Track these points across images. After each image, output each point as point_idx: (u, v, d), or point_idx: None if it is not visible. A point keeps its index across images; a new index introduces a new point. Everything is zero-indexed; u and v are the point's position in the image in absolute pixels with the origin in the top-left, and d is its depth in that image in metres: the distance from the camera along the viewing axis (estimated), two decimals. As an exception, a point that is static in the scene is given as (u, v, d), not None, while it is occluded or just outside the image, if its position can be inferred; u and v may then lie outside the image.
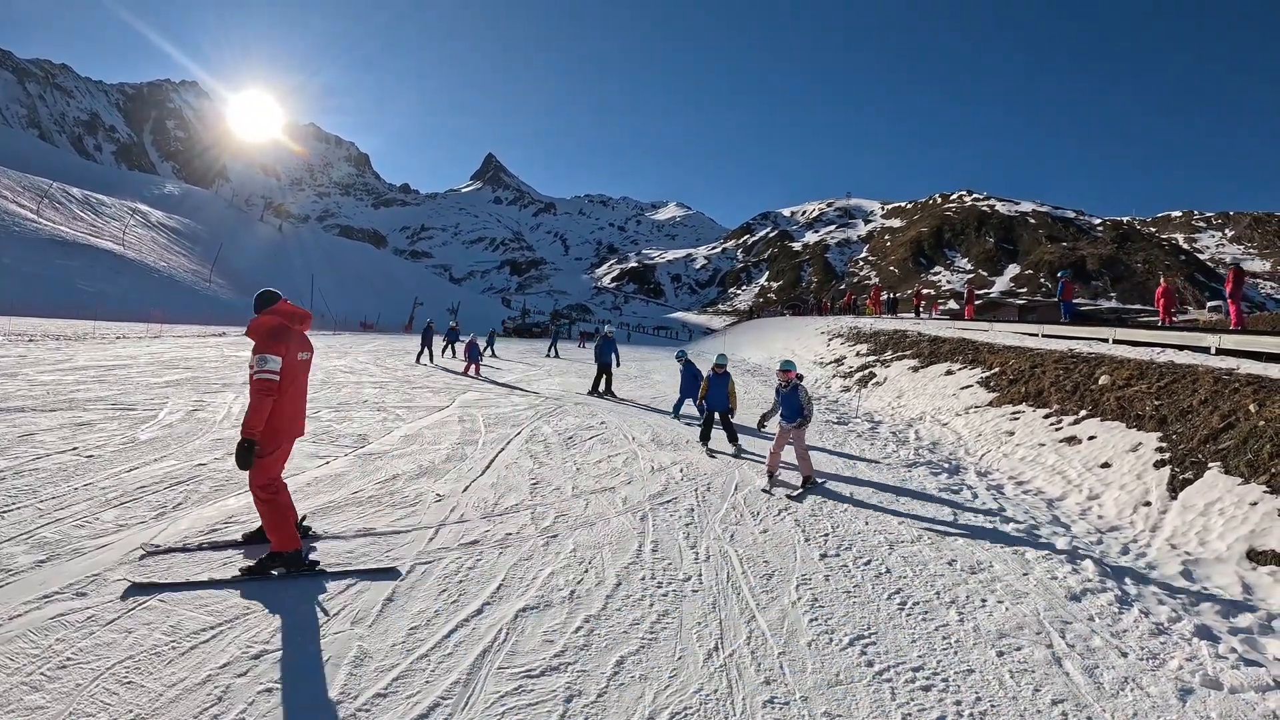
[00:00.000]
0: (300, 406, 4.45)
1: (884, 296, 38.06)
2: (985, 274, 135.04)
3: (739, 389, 14.59)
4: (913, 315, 32.15)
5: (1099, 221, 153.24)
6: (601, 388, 14.33)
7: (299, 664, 3.28)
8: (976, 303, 30.43)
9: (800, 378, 7.62)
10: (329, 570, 4.35)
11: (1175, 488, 6.49)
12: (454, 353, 22.71)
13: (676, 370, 13.18)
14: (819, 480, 7.47)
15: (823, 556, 5.16)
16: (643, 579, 4.54)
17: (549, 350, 28.88)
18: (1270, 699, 3.50)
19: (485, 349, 22.40)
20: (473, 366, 17.75)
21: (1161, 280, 17.45)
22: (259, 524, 4.62)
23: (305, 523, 5.05)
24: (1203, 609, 4.58)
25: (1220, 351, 9.80)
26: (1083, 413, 9.07)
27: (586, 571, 4.63)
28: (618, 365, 15.00)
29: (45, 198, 60.07)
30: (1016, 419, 9.97)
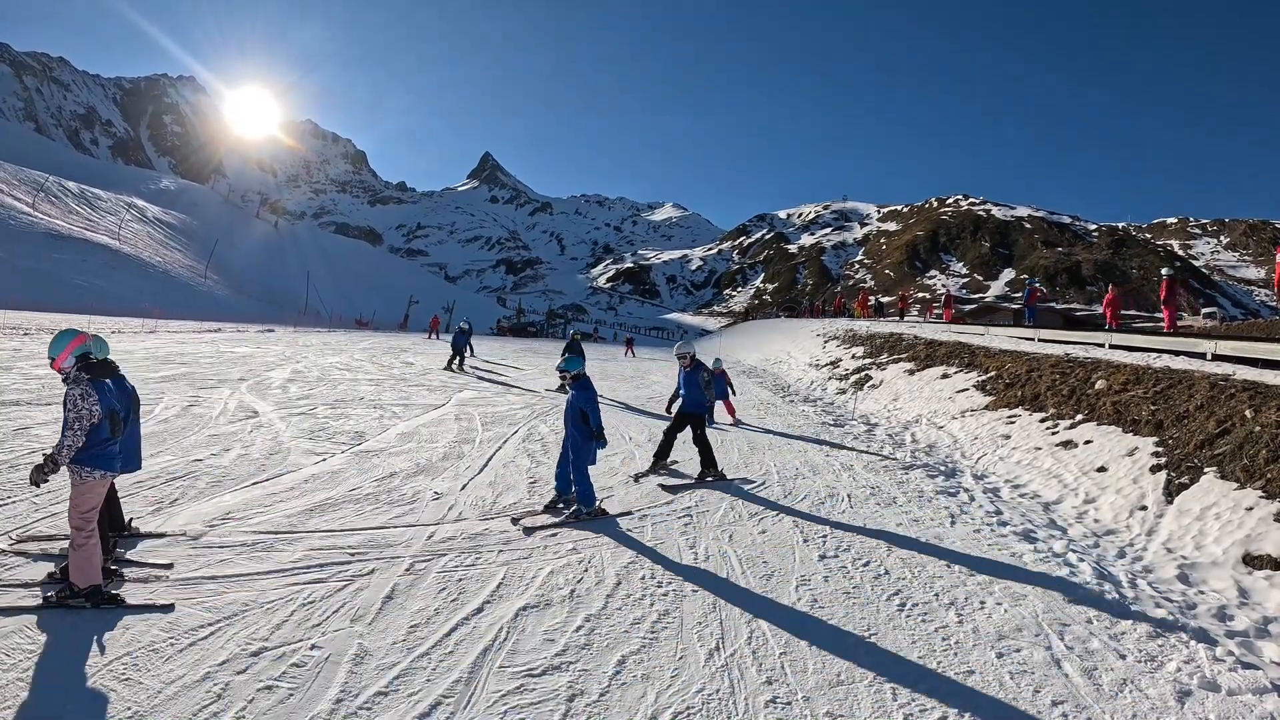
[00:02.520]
0: None
1: (871, 300, 38.36)
2: (980, 278, 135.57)
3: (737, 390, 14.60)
4: (897, 318, 32.25)
5: (1094, 227, 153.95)
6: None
7: (299, 661, 3.27)
8: (970, 308, 30.60)
9: None
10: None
11: (1171, 492, 6.50)
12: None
13: (672, 372, 13.11)
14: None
15: (821, 558, 5.16)
16: (643, 578, 4.55)
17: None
18: (1268, 701, 3.51)
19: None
20: (724, 406, 12.16)
21: (1110, 289, 18.00)
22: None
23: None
24: (1199, 612, 4.59)
25: (1216, 357, 9.84)
26: (1079, 417, 9.10)
27: (586, 570, 4.63)
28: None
29: (41, 191, 59.75)
30: (1013, 423, 10.00)
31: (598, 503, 6.07)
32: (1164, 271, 14.98)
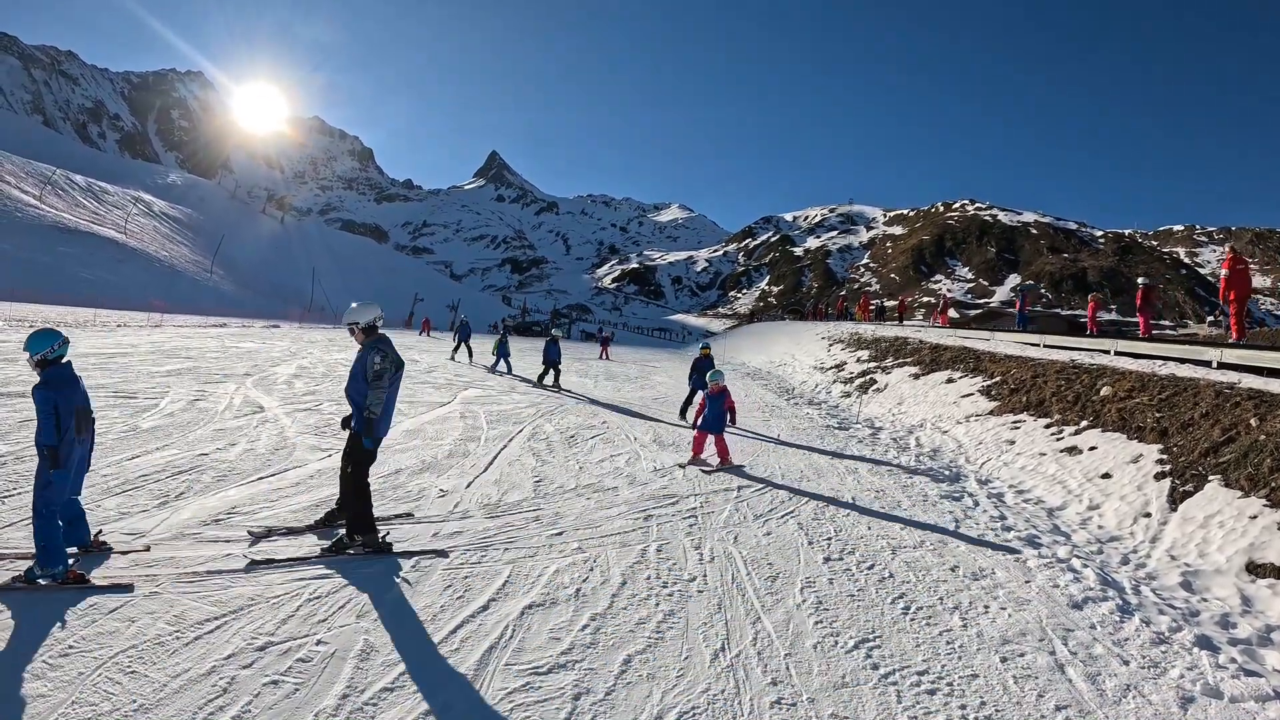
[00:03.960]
0: None
1: (873, 304, 38.52)
2: (986, 283, 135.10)
3: (740, 393, 14.62)
4: (896, 321, 32.34)
5: (1101, 233, 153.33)
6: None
7: (304, 657, 3.28)
8: (975, 313, 30.73)
9: None
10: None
11: (1175, 500, 6.49)
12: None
13: (676, 373, 13.11)
14: None
15: (826, 560, 5.17)
16: (648, 578, 4.56)
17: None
18: (1270, 709, 3.51)
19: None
20: (715, 442, 8.40)
21: (1090, 299, 19.62)
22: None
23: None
24: (1203, 620, 4.59)
25: (1221, 365, 9.82)
26: (1084, 423, 9.08)
27: (592, 570, 4.64)
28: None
29: (48, 184, 60.00)
30: (1017, 428, 9.98)
31: (70, 565, 3.86)
32: (1140, 281, 15.96)
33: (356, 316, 5.00)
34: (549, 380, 15.58)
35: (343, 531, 4.67)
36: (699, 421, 8.64)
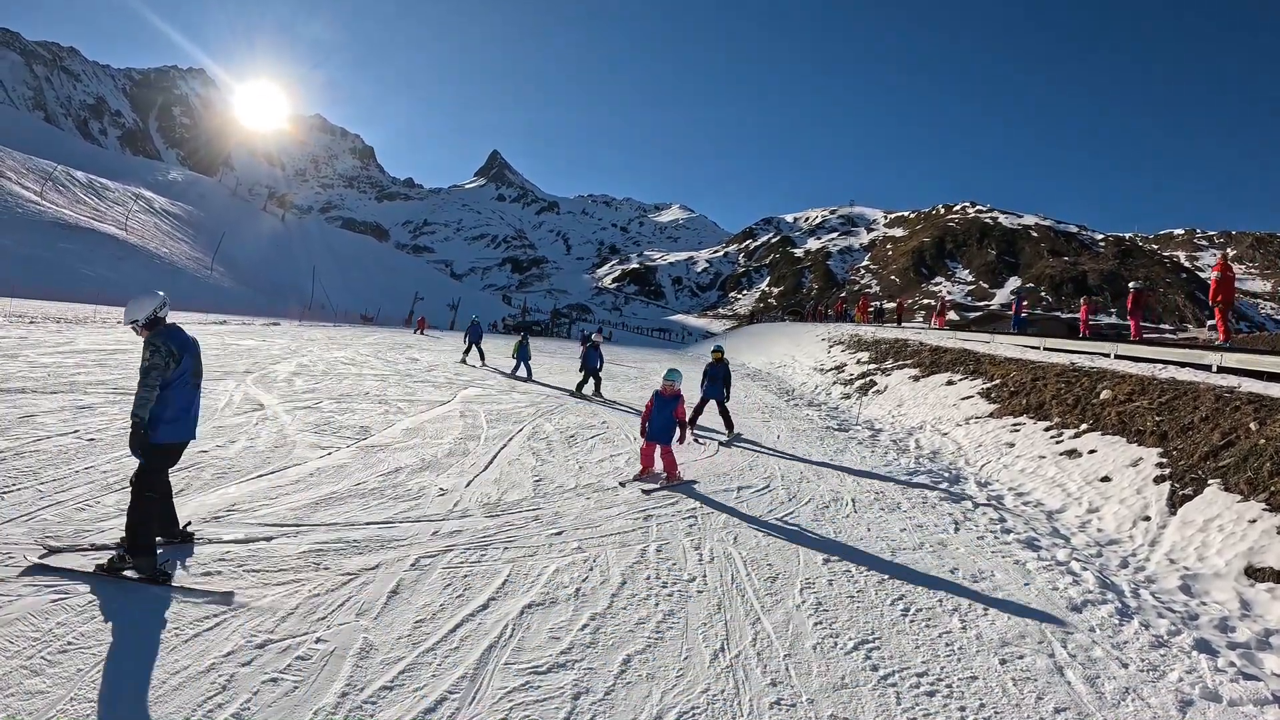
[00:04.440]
0: None
1: (872, 306, 38.67)
2: (986, 285, 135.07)
3: (740, 394, 14.62)
4: (894, 323, 32.44)
5: (1101, 237, 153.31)
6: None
7: (304, 654, 3.27)
8: (975, 315, 30.90)
9: None
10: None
11: (1175, 503, 6.50)
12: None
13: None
14: None
15: (825, 561, 5.17)
16: (648, 578, 4.55)
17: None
18: (1269, 713, 3.53)
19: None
20: (661, 455, 7.39)
21: (1083, 302, 20.31)
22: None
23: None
24: (1202, 623, 4.60)
25: (1222, 370, 9.83)
26: (1084, 426, 9.09)
27: (591, 569, 4.64)
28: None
29: (49, 180, 60.03)
30: (1017, 431, 9.99)
31: None
32: (1131, 285, 16.14)
33: (135, 313, 4.17)
34: (589, 389, 14.02)
35: (118, 551, 3.98)
36: (644, 428, 7.42)
